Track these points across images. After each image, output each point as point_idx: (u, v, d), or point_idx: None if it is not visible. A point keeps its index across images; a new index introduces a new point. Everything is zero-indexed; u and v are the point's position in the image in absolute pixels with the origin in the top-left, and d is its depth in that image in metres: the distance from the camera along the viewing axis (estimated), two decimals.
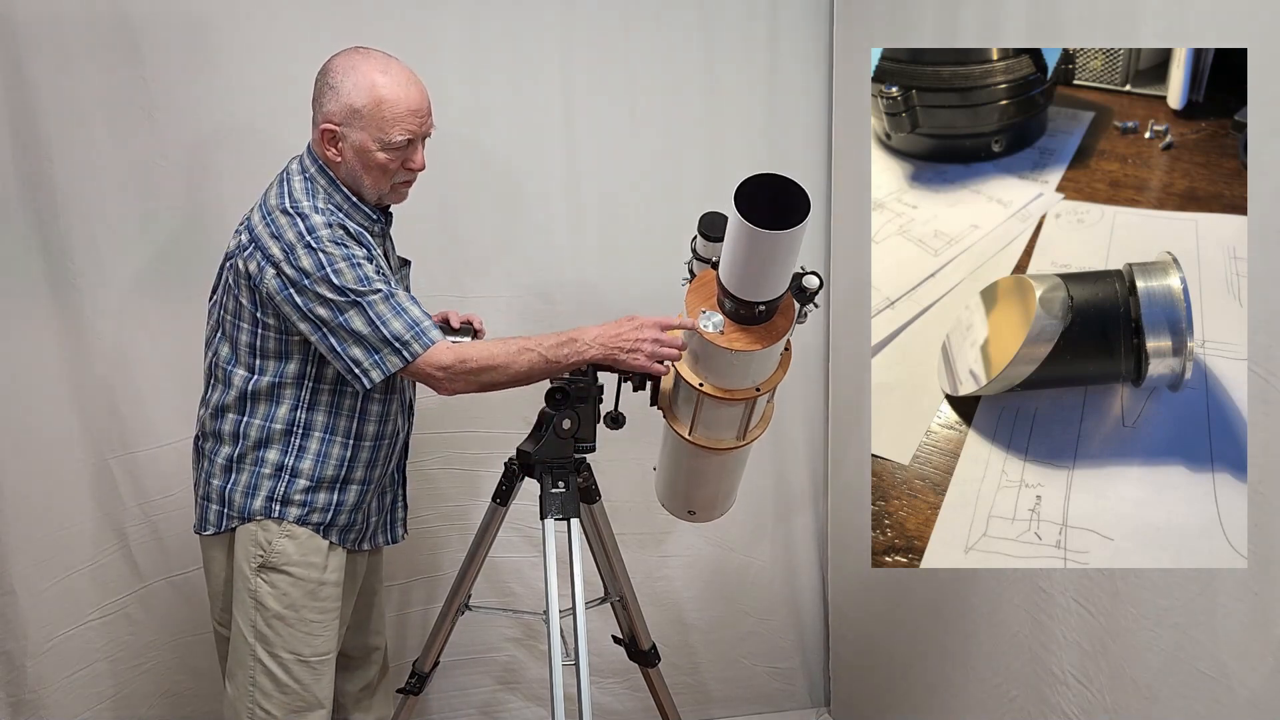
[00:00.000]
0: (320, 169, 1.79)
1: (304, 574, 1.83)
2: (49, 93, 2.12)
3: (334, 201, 1.78)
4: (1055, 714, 1.86)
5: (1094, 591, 1.76)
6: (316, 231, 1.70)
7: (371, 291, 1.70)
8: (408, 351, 1.71)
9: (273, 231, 1.72)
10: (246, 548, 1.82)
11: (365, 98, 1.72)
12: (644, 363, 1.76)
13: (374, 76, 1.72)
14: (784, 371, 1.85)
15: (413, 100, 1.75)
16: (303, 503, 1.82)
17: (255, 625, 1.82)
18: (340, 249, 1.70)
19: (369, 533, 1.97)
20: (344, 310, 1.69)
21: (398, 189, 1.83)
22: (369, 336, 1.70)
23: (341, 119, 1.73)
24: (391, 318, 1.71)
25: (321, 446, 1.82)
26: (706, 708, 2.77)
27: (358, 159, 1.76)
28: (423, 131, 1.79)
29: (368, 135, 1.73)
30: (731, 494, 2.14)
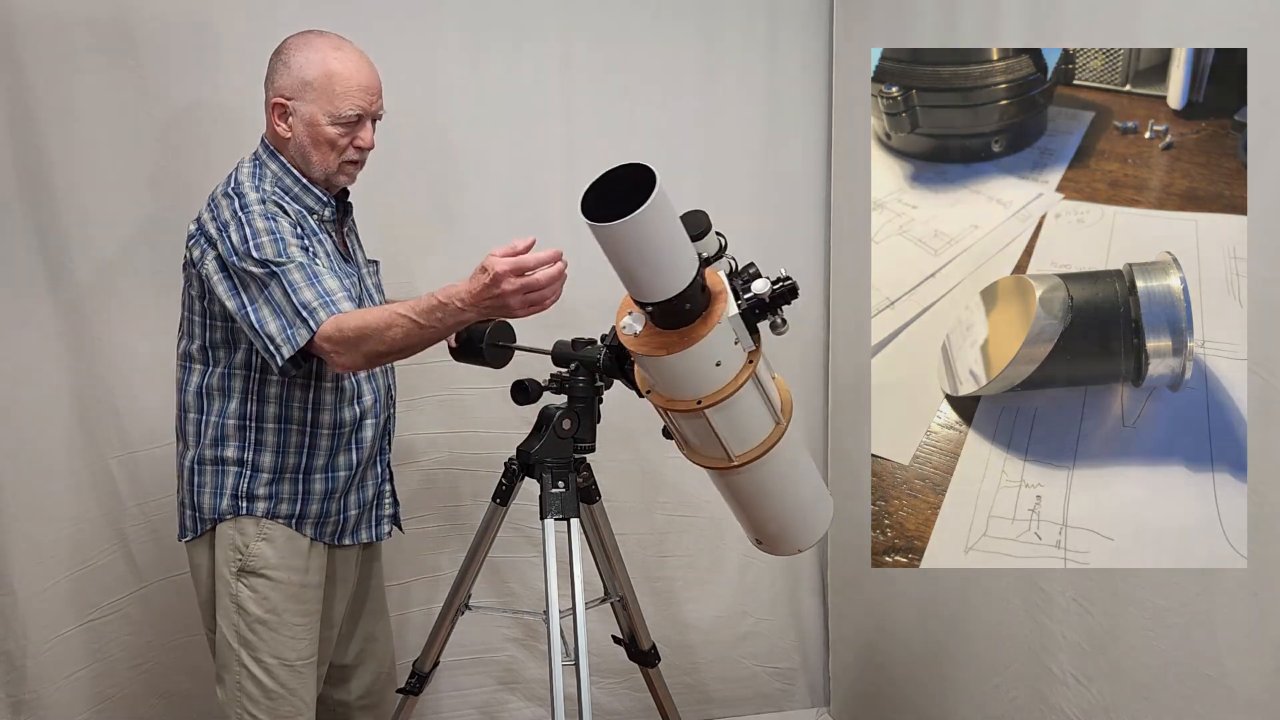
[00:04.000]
0: (271, 154, 1.80)
1: (284, 577, 1.82)
2: (49, 93, 2.12)
3: (283, 185, 1.78)
4: (1055, 714, 1.86)
5: (1094, 591, 1.76)
6: (249, 208, 1.70)
7: (288, 261, 1.67)
8: (313, 320, 1.63)
9: (213, 214, 1.73)
10: (225, 551, 1.81)
11: (317, 70, 1.74)
12: (522, 314, 1.63)
13: (326, 52, 1.76)
14: (735, 387, 1.56)
15: (364, 77, 1.77)
16: (269, 495, 1.81)
17: (238, 630, 1.81)
18: (267, 223, 1.69)
19: (349, 527, 1.94)
20: (266, 284, 1.66)
21: (345, 168, 1.82)
22: (284, 307, 1.65)
23: (293, 92, 1.75)
24: (304, 286, 1.66)
25: (279, 438, 1.81)
26: (706, 708, 2.77)
27: (307, 133, 1.76)
28: (373, 111, 1.80)
29: (317, 108, 1.75)
30: (788, 526, 1.86)
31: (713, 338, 1.52)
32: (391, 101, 2.33)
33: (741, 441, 1.66)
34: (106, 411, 2.24)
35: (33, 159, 2.12)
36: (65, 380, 2.20)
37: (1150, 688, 1.65)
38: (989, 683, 2.07)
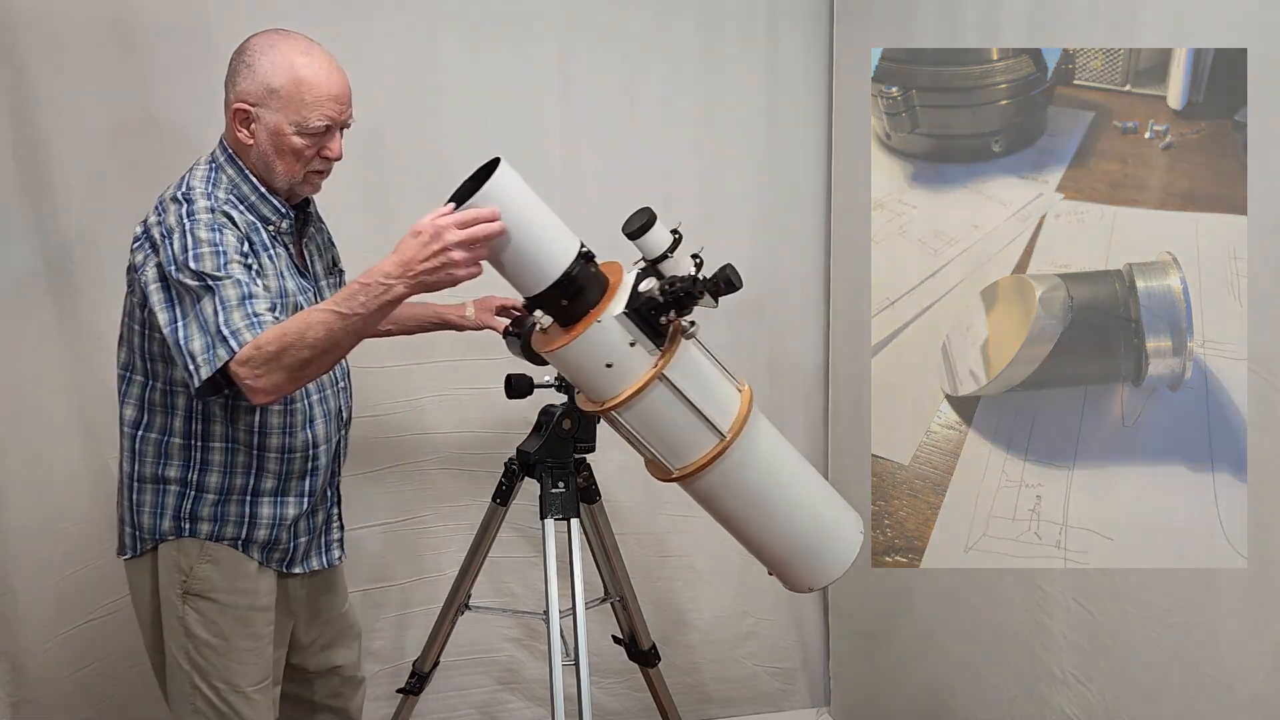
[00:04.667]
0: (230, 158, 1.69)
1: (231, 600, 1.72)
2: (49, 93, 2.12)
3: (238, 192, 1.67)
4: (1055, 714, 1.86)
5: (1094, 591, 1.76)
6: (196, 216, 1.58)
7: (226, 276, 1.53)
8: (236, 341, 1.49)
9: (159, 218, 1.62)
10: (169, 572, 1.72)
11: (283, 78, 1.62)
12: (463, 275, 1.46)
13: (294, 57, 1.63)
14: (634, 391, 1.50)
15: (334, 85, 1.65)
16: (213, 517, 1.71)
17: (188, 653, 1.72)
18: (211, 234, 1.57)
19: (298, 555, 1.82)
20: (200, 298, 1.53)
21: (310, 178, 1.71)
22: (210, 325, 1.51)
23: (256, 99, 1.64)
24: (235, 306, 1.52)
25: (225, 457, 1.70)
26: (706, 708, 2.77)
27: (270, 142, 1.65)
28: (342, 120, 1.68)
29: (283, 117, 1.63)
30: (782, 557, 1.72)
31: (592, 336, 1.47)
32: (391, 102, 2.34)
33: (675, 454, 1.59)
34: (106, 411, 2.24)
35: (33, 159, 2.12)
36: (65, 380, 2.20)
37: (1150, 688, 1.65)
38: (989, 683, 2.07)
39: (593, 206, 2.52)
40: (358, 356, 2.39)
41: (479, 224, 1.42)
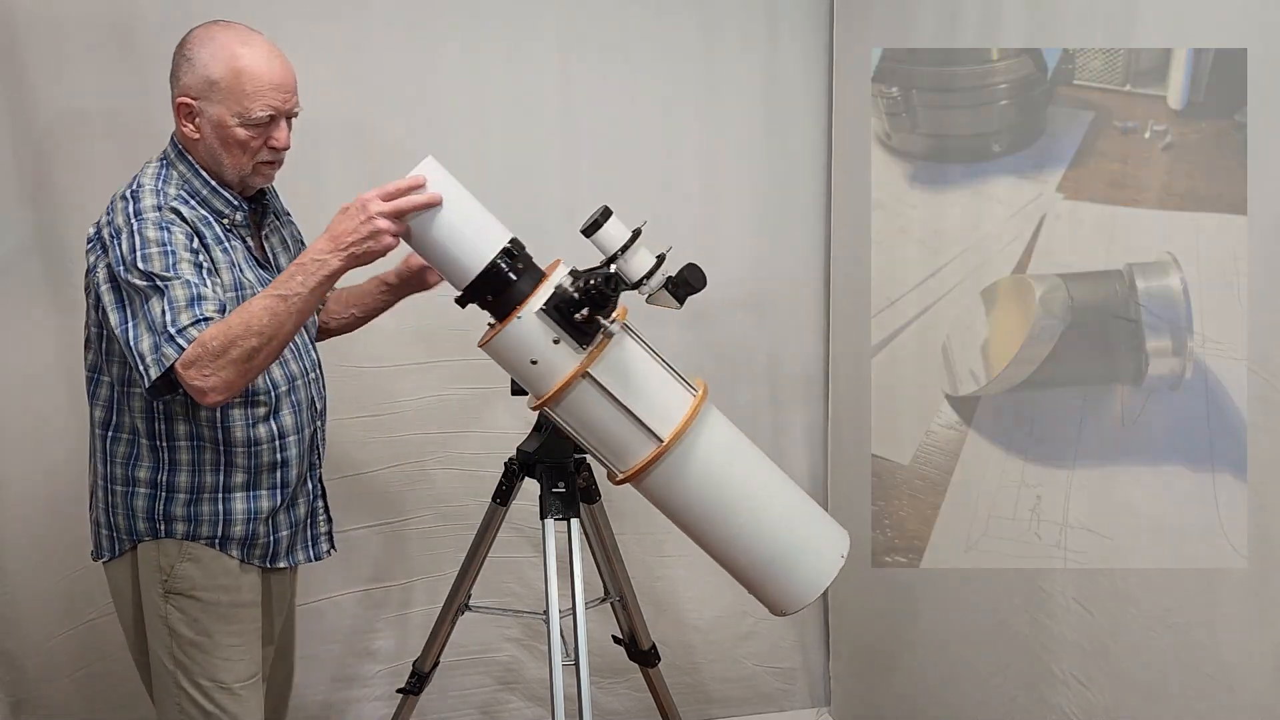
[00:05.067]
0: (180, 154, 1.67)
1: (212, 598, 1.71)
2: (49, 93, 2.12)
3: (189, 187, 1.65)
4: (1055, 714, 1.86)
5: (1094, 591, 1.76)
6: (143, 215, 1.57)
7: (175, 277, 1.53)
8: (183, 339, 1.50)
9: (109, 219, 1.61)
10: (150, 572, 1.70)
11: (223, 69, 1.60)
12: (392, 242, 1.53)
13: (233, 47, 1.62)
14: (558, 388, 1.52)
15: (275, 74, 1.63)
16: (187, 517, 1.69)
17: (172, 652, 1.71)
18: (160, 233, 1.56)
19: (282, 549, 1.79)
20: (148, 297, 1.53)
21: (261, 169, 1.69)
22: (158, 324, 1.51)
23: (198, 92, 1.62)
24: (184, 307, 1.52)
25: (192, 455, 1.68)
26: (706, 708, 2.77)
27: (216, 135, 1.63)
28: (286, 109, 1.66)
29: (226, 109, 1.61)
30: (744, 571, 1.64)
31: (513, 331, 1.51)
32: (391, 105, 2.35)
33: (616, 456, 1.58)
34: None
35: (33, 159, 2.12)
36: (65, 380, 2.19)
37: (1150, 688, 1.65)
38: (989, 683, 2.07)
39: (592, 206, 2.52)
40: (358, 356, 2.40)
41: (402, 195, 1.51)
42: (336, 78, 2.29)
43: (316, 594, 2.45)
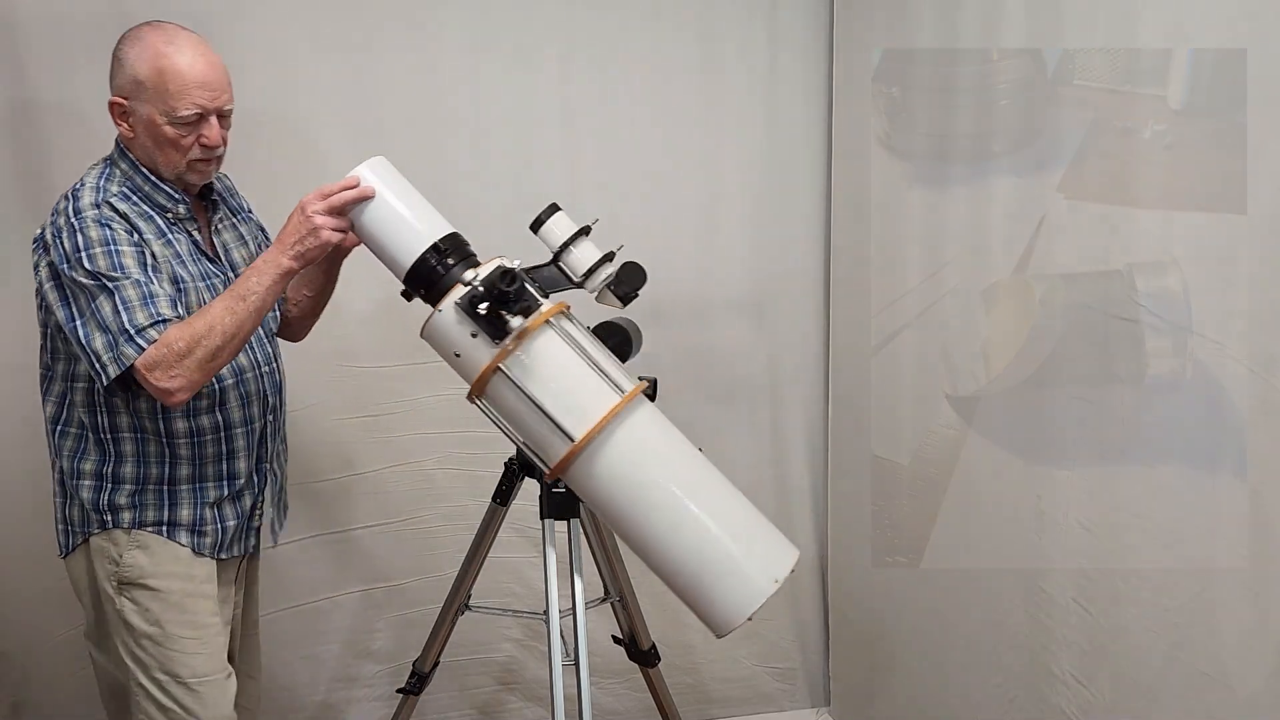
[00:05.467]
0: (121, 153, 1.71)
1: (164, 586, 1.70)
2: (49, 93, 2.12)
3: (131, 184, 1.69)
4: (1055, 714, 1.86)
5: (1094, 591, 1.76)
6: (83, 213, 1.61)
7: (123, 276, 1.57)
8: (143, 339, 1.55)
9: (51, 221, 1.64)
10: (102, 564, 1.71)
11: (148, 68, 1.62)
12: (331, 236, 1.60)
13: (158, 46, 1.63)
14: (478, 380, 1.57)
15: (199, 72, 1.64)
16: (131, 504, 1.70)
17: (128, 646, 1.70)
18: (102, 231, 1.59)
19: (228, 539, 1.79)
20: (95, 296, 1.57)
21: (195, 166, 1.70)
22: (112, 324, 1.56)
23: (128, 92, 1.65)
24: (137, 305, 1.56)
25: (136, 447, 1.70)
26: (706, 708, 2.77)
27: (148, 134, 1.66)
28: (215, 107, 1.66)
29: (153, 108, 1.63)
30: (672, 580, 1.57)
31: (435, 324, 1.58)
32: (393, 106, 2.35)
33: (542, 450, 1.59)
34: None
35: (33, 159, 2.12)
36: None
37: (1150, 688, 1.65)
38: (989, 683, 2.07)
39: (592, 206, 2.52)
40: (358, 356, 2.40)
41: (334, 194, 1.60)
42: (338, 79, 2.30)
43: (316, 594, 2.45)
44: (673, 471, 1.58)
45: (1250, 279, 1.44)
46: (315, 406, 2.39)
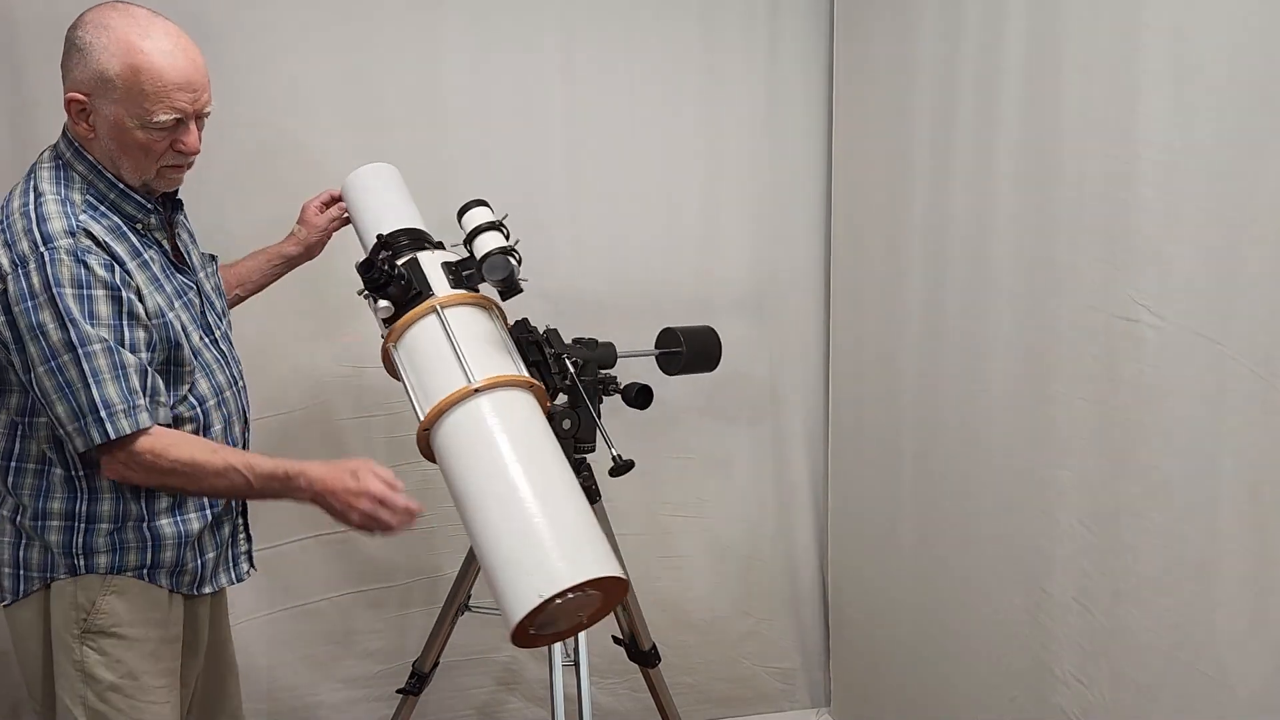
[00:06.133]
0: (77, 152, 1.49)
1: (140, 634, 1.53)
2: (49, 93, 2.11)
3: (95, 191, 1.48)
4: (1055, 714, 1.86)
5: (1094, 591, 1.76)
6: (55, 245, 1.39)
7: (96, 339, 1.39)
8: (112, 426, 1.40)
9: (7, 238, 1.41)
10: (65, 611, 1.51)
11: (119, 65, 1.40)
12: (352, 522, 1.50)
13: (131, 38, 1.41)
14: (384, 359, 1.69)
15: (180, 71, 1.43)
16: (110, 547, 1.52)
17: (86, 701, 1.50)
18: (76, 269, 1.39)
19: (208, 573, 1.64)
20: (59, 352, 1.38)
21: (165, 173, 1.52)
22: (77, 393, 1.39)
23: (91, 88, 1.42)
24: (108, 379, 1.40)
25: (114, 482, 1.51)
26: (706, 708, 2.77)
27: (112, 137, 1.45)
28: (195, 109, 1.47)
29: (123, 110, 1.42)
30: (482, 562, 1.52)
31: (369, 305, 1.70)
32: (394, 106, 2.35)
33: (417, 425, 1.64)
34: None
35: (33, 159, 2.12)
36: None
37: (1150, 687, 1.65)
38: (989, 683, 2.07)
39: (593, 206, 2.53)
40: (358, 356, 2.40)
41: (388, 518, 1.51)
42: (340, 76, 2.29)
43: (316, 594, 2.45)
44: (488, 466, 1.56)
45: (1250, 279, 1.44)
46: (315, 406, 2.39)
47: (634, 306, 2.53)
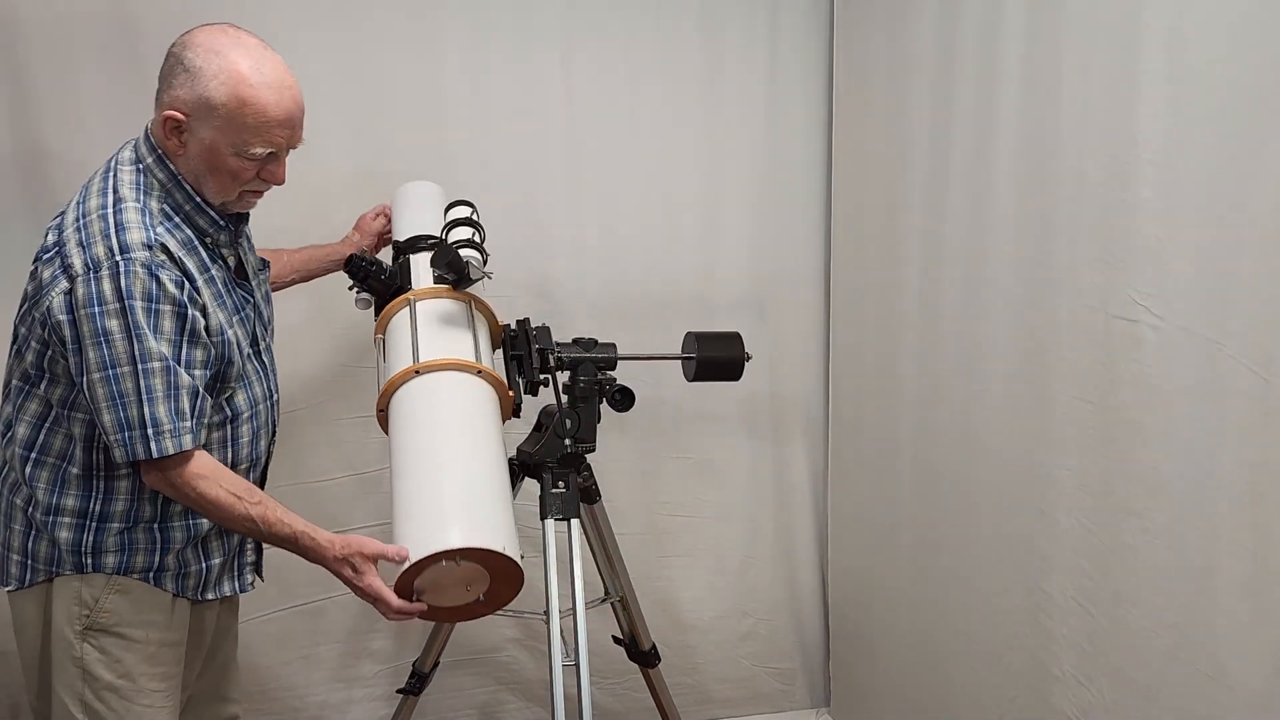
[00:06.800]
0: (159, 159, 1.50)
1: (140, 635, 1.54)
2: (49, 93, 2.12)
3: (171, 201, 1.50)
4: (1055, 714, 1.86)
5: (1094, 591, 1.76)
6: (131, 253, 1.41)
7: (157, 356, 1.41)
8: (156, 446, 1.42)
9: (82, 239, 1.43)
10: (68, 606, 1.52)
11: (226, 94, 1.43)
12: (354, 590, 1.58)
13: (242, 70, 1.44)
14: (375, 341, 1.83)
15: (284, 108, 1.47)
16: (119, 546, 1.53)
17: (83, 698, 1.51)
18: (149, 283, 1.41)
19: (211, 579, 1.65)
20: (120, 362, 1.40)
21: (246, 197, 1.55)
22: (128, 406, 1.41)
23: (191, 109, 1.45)
24: (161, 397, 1.42)
25: (133, 483, 1.53)
26: (706, 708, 2.77)
27: (204, 159, 1.48)
28: (290, 144, 1.52)
29: (221, 136, 1.46)
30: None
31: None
32: (394, 105, 2.35)
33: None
34: None
35: (33, 159, 2.12)
36: None
37: (1150, 688, 1.65)
38: (989, 682, 2.07)
39: (593, 205, 2.53)
40: (358, 356, 2.40)
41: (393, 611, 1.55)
42: (337, 81, 2.29)
43: (316, 594, 2.45)
44: (399, 439, 1.66)
45: (1249, 279, 1.44)
46: (315, 406, 2.39)
47: (634, 306, 2.53)
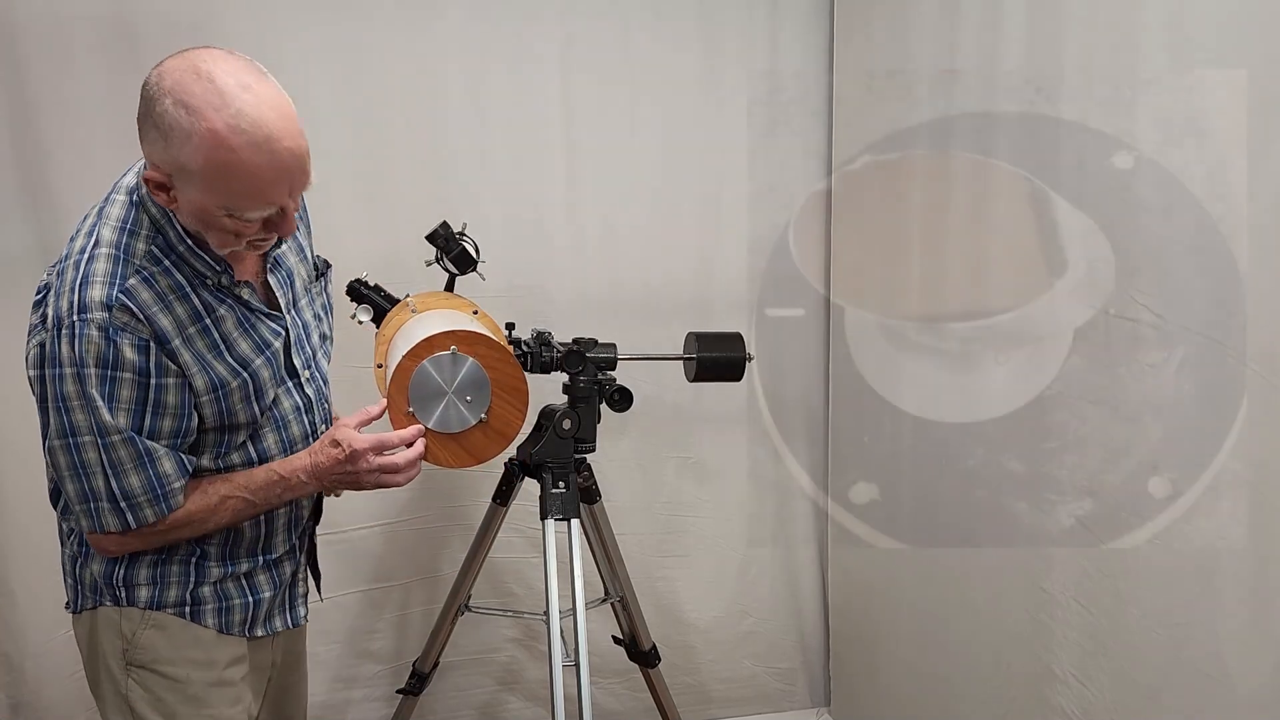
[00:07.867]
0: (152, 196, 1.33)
1: (180, 674, 1.45)
2: (49, 93, 2.11)
3: (160, 243, 1.33)
4: (1055, 714, 1.86)
5: (1094, 591, 1.76)
6: (88, 314, 1.28)
7: (114, 430, 1.31)
8: (133, 517, 1.35)
9: (58, 286, 1.32)
10: (111, 639, 1.45)
11: (203, 160, 1.22)
12: (367, 487, 1.48)
13: (217, 129, 1.20)
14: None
15: (276, 166, 1.24)
16: (151, 580, 1.45)
17: None
18: (105, 349, 1.28)
19: (261, 614, 1.54)
20: (79, 431, 1.31)
21: (255, 244, 1.37)
22: (93, 477, 1.33)
23: (170, 169, 1.25)
24: (131, 469, 1.33)
25: None
26: (706, 708, 2.77)
27: (197, 217, 1.30)
28: (293, 195, 1.30)
29: (208, 200, 1.26)
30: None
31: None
32: (393, 104, 2.35)
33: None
34: None
35: (33, 159, 2.12)
36: None
37: (1150, 687, 1.65)
38: (989, 682, 2.07)
39: (592, 205, 2.53)
40: (359, 357, 2.39)
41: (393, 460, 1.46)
42: (336, 81, 2.29)
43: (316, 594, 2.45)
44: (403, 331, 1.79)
45: (1251, 278, 1.44)
46: None
47: (634, 306, 2.53)
